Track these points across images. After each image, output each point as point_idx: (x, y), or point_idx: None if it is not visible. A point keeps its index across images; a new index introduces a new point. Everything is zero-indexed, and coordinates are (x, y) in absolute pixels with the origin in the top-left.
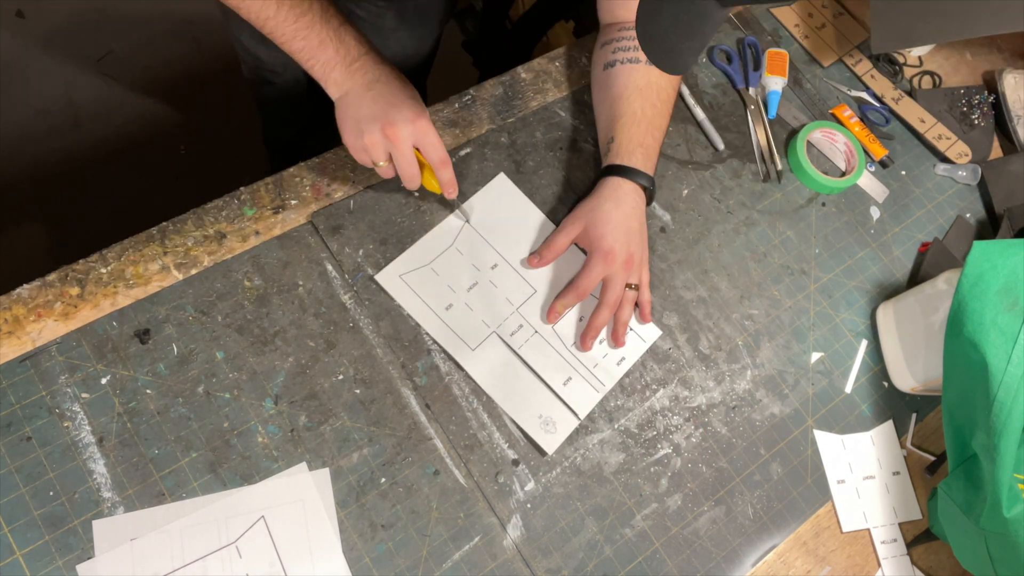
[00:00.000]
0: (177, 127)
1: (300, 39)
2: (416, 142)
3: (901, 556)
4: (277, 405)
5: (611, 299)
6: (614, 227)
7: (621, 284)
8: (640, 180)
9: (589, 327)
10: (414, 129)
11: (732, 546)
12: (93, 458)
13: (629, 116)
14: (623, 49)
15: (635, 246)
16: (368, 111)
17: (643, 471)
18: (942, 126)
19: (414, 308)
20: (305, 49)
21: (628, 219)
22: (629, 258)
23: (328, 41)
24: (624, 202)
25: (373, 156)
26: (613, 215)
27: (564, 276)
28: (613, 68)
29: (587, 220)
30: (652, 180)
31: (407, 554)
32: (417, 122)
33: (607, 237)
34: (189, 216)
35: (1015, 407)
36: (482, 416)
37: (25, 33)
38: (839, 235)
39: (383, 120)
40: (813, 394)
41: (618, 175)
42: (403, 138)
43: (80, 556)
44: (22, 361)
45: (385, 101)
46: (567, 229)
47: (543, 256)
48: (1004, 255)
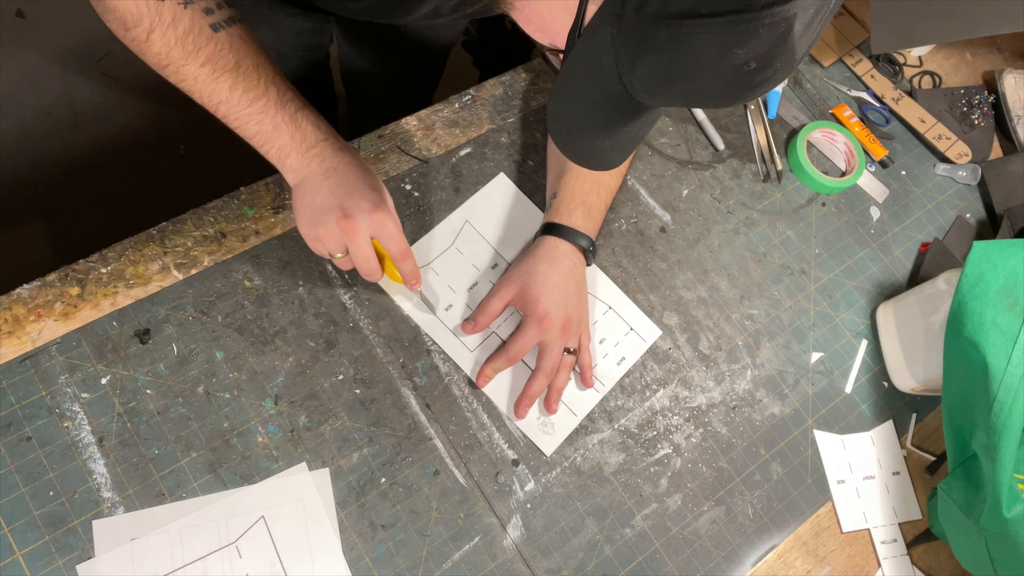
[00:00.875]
0: (177, 127)
1: (254, 124)
2: (374, 234)
3: (901, 556)
4: (277, 405)
5: (547, 367)
6: (550, 290)
7: (558, 350)
8: (579, 241)
9: (524, 395)
10: (371, 221)
11: (732, 546)
12: (93, 458)
13: (575, 172)
14: None
15: (572, 309)
16: (324, 201)
17: (643, 471)
18: (942, 126)
19: (414, 309)
20: (259, 134)
21: (565, 281)
22: (567, 322)
23: (283, 126)
24: (561, 264)
25: (329, 248)
26: (549, 277)
27: None
28: None
29: (522, 282)
30: (592, 242)
31: (407, 554)
32: (375, 213)
33: (542, 301)
34: (189, 216)
35: (1015, 407)
36: (482, 416)
37: (25, 33)
38: (839, 235)
39: (339, 211)
40: (813, 394)
41: (556, 235)
42: (359, 230)
43: (80, 556)
44: (22, 361)
45: (343, 191)
46: (501, 292)
47: (478, 322)
48: (1004, 255)
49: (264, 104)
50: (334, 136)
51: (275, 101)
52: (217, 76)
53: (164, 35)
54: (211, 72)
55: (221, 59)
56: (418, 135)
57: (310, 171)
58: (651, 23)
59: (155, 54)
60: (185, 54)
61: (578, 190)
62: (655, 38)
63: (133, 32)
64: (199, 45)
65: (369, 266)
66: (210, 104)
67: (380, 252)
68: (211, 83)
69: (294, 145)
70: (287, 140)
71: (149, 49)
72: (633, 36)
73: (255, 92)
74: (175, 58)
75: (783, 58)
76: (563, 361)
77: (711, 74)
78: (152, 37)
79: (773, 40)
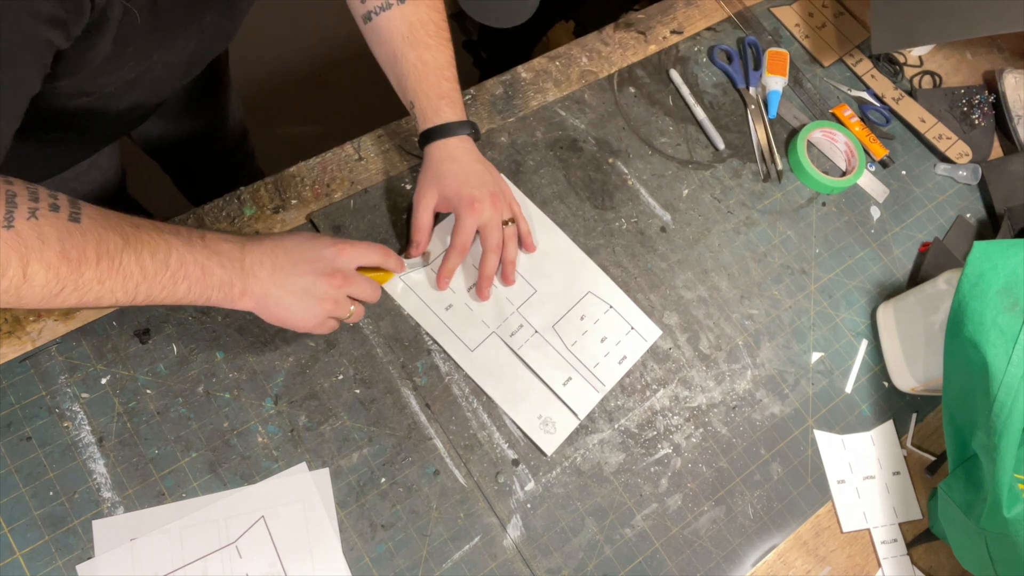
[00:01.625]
0: None
1: (181, 280)
2: (355, 264)
3: (901, 556)
4: (277, 405)
5: (493, 243)
6: (464, 179)
7: (498, 225)
8: (461, 131)
9: (481, 276)
10: (346, 257)
11: (732, 546)
12: (93, 458)
13: (412, 72)
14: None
15: (491, 184)
16: (300, 285)
17: (643, 471)
18: (942, 126)
19: (414, 308)
20: (192, 288)
21: (471, 165)
22: (493, 197)
23: (208, 262)
24: (459, 156)
25: (340, 313)
26: (455, 169)
27: (559, 273)
28: (372, 22)
29: (437, 186)
30: (471, 124)
31: (407, 554)
32: (342, 250)
33: (463, 189)
34: (189, 216)
35: (1015, 407)
36: (482, 416)
37: None
38: (839, 235)
39: (320, 279)
40: (813, 394)
41: (440, 137)
42: (348, 274)
43: (80, 556)
44: (22, 361)
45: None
46: (421, 203)
47: (416, 240)
48: (1004, 255)
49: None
50: (245, 237)
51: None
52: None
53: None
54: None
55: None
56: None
57: (260, 280)
58: None
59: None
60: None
61: (428, 87)
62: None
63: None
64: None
65: (374, 291)
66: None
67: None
68: (118, 275)
69: (230, 271)
70: (220, 272)
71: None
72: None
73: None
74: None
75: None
76: (506, 233)
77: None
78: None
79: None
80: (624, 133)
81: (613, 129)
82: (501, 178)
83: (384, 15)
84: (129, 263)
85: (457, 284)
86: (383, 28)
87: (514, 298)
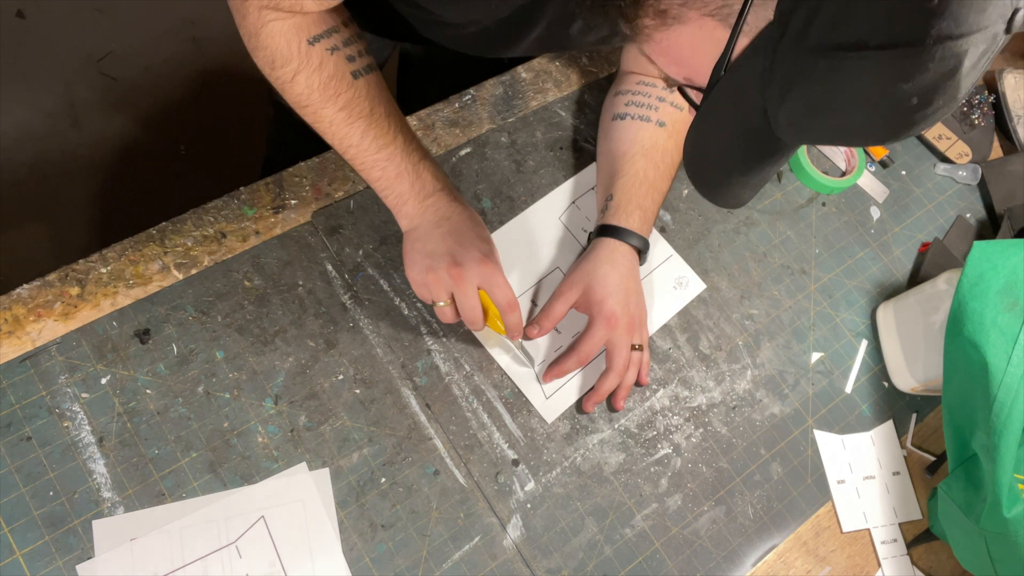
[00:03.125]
0: (177, 127)
1: (379, 169)
2: (482, 284)
3: (901, 556)
4: (277, 405)
5: (619, 365)
6: (613, 290)
7: (626, 348)
8: (635, 243)
9: (596, 392)
10: (481, 271)
11: (732, 546)
12: (93, 458)
13: (631, 176)
14: (636, 104)
15: (635, 307)
16: (435, 248)
17: (643, 471)
18: (942, 126)
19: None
20: (382, 179)
21: (626, 281)
22: (631, 321)
23: (405, 174)
24: (621, 264)
25: (434, 295)
26: (611, 278)
27: None
28: (623, 121)
29: (585, 284)
30: (646, 243)
31: (407, 554)
32: (485, 264)
33: (608, 301)
34: (189, 216)
35: (1015, 407)
36: (482, 416)
37: (25, 33)
38: (839, 235)
39: (449, 259)
40: (813, 394)
41: (613, 237)
42: (468, 279)
43: (80, 556)
44: (22, 361)
45: (454, 239)
46: (565, 295)
47: (542, 326)
48: (1004, 255)
49: (391, 152)
50: (450, 187)
51: (401, 149)
52: (352, 121)
53: (309, 78)
54: (347, 117)
55: (357, 105)
56: (418, 135)
57: (424, 219)
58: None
59: (297, 94)
60: (326, 98)
61: (635, 194)
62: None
63: (279, 71)
64: (339, 91)
65: (474, 315)
66: (340, 146)
67: (484, 303)
68: (345, 127)
69: (412, 193)
70: (407, 188)
71: (292, 89)
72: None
73: (384, 139)
74: (315, 100)
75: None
76: (632, 359)
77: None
78: (297, 79)
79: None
80: None
81: None
82: (644, 306)
83: (637, 123)
84: (356, 130)
85: None
86: (629, 130)
87: None
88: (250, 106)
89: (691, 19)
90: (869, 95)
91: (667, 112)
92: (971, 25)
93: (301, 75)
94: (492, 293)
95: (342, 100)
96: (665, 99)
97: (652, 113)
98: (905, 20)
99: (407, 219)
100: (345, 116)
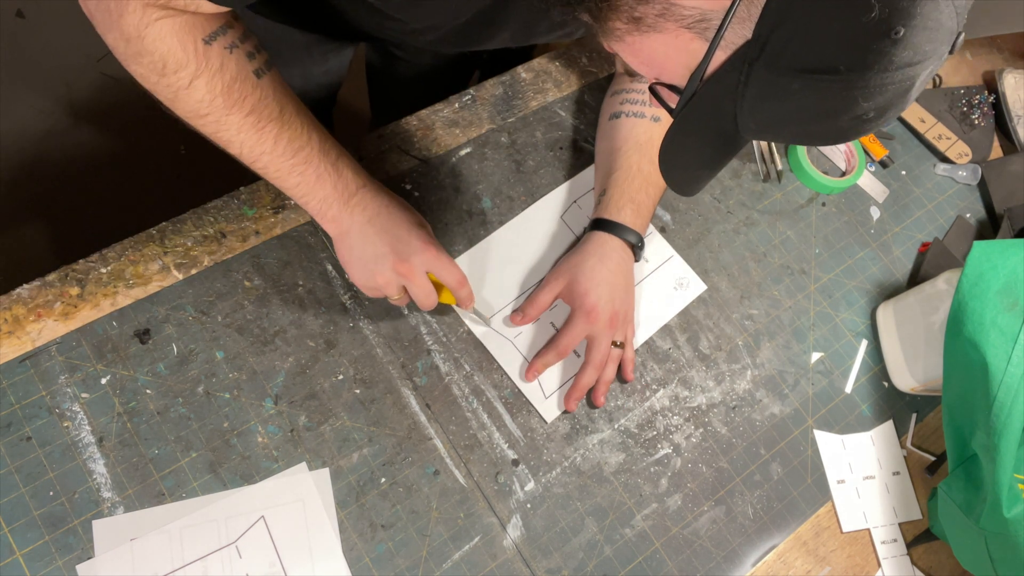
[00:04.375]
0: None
1: (296, 175)
2: (430, 269)
3: (901, 556)
4: (277, 405)
5: (597, 359)
6: (598, 283)
7: (606, 343)
8: (627, 237)
9: (574, 387)
10: (425, 259)
11: (732, 546)
12: (93, 458)
13: (624, 170)
14: (631, 102)
15: (619, 303)
16: (374, 250)
17: (643, 471)
18: (942, 126)
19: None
20: (301, 185)
21: (613, 275)
22: (614, 315)
23: (326, 176)
24: (609, 258)
25: (388, 293)
26: (598, 271)
27: None
28: (618, 119)
29: (571, 276)
30: (640, 237)
31: (407, 554)
32: (427, 250)
33: (591, 294)
34: (189, 216)
35: (1015, 407)
36: (482, 416)
37: (25, 33)
38: (839, 235)
39: (394, 257)
40: (813, 394)
41: (604, 230)
42: (417, 270)
43: (80, 556)
44: (22, 361)
45: (390, 235)
46: (551, 284)
47: (527, 313)
48: (1004, 255)
49: (307, 154)
50: (371, 180)
51: (317, 150)
52: (262, 126)
53: (210, 82)
54: (256, 122)
55: (265, 107)
56: (418, 135)
57: (353, 220)
58: (785, 73)
59: (196, 102)
60: (230, 104)
61: (627, 188)
62: (786, 88)
63: (171, 78)
64: (244, 93)
65: (429, 300)
66: (250, 156)
67: (434, 281)
68: (255, 134)
69: (336, 195)
70: (329, 190)
71: (189, 97)
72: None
73: (299, 141)
74: (217, 108)
75: (898, 108)
76: (611, 354)
77: (830, 121)
78: (195, 84)
79: (897, 95)
80: None
81: None
82: (632, 302)
83: (632, 119)
84: (267, 135)
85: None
86: (624, 127)
87: None
88: None
89: (667, 29)
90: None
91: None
92: (926, 52)
93: (200, 80)
94: (441, 276)
95: (248, 104)
96: None
97: (646, 109)
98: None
99: (334, 223)
100: (254, 121)
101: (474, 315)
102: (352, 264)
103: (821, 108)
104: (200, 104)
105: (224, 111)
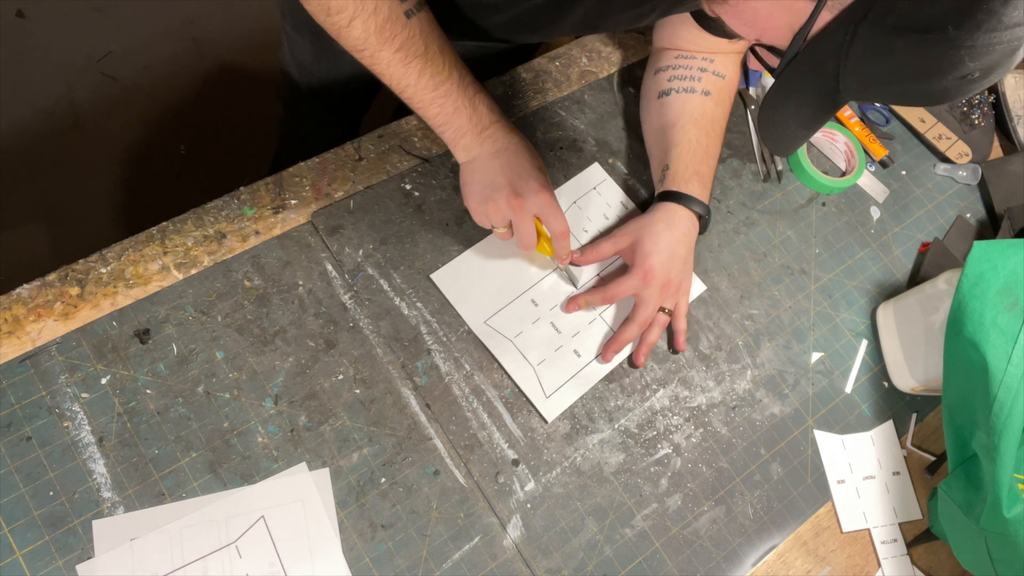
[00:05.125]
0: (177, 127)
1: (436, 106)
2: (538, 213)
3: (901, 556)
4: (277, 405)
5: (641, 318)
6: (661, 248)
7: (654, 305)
8: (695, 207)
9: (615, 339)
10: (538, 201)
11: (732, 546)
12: (93, 458)
13: (684, 144)
14: (679, 78)
15: (676, 272)
16: (494, 179)
17: (643, 471)
18: (942, 126)
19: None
20: (440, 115)
21: (676, 244)
22: (667, 282)
23: (463, 109)
24: (677, 227)
25: (494, 222)
26: (663, 237)
27: None
28: (668, 96)
29: (637, 236)
30: (708, 208)
31: (407, 554)
32: (542, 194)
33: (651, 256)
34: (189, 216)
35: (1015, 407)
36: (482, 416)
37: (25, 33)
38: (839, 235)
39: (508, 190)
40: (813, 394)
41: (673, 201)
42: (527, 209)
43: (80, 556)
44: (22, 361)
45: (512, 170)
46: (616, 239)
47: (585, 255)
48: (1004, 255)
49: (447, 88)
50: (505, 119)
51: (457, 85)
52: (408, 62)
53: (365, 23)
54: (403, 58)
55: (412, 45)
56: (419, 134)
57: (482, 151)
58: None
59: (354, 39)
60: (382, 41)
61: (691, 161)
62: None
63: (335, 18)
64: (395, 32)
65: (531, 240)
66: (397, 87)
67: (538, 228)
68: (402, 68)
69: (470, 126)
70: (464, 122)
71: (348, 35)
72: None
73: (440, 76)
74: (372, 44)
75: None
76: (657, 318)
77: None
78: (353, 24)
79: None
80: (624, 133)
81: (613, 129)
82: (689, 275)
83: (683, 95)
84: (412, 70)
85: None
86: (675, 103)
87: None
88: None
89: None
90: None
91: (710, 81)
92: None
93: (357, 20)
94: (547, 222)
95: (398, 42)
96: (707, 69)
97: (696, 84)
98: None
99: (464, 151)
100: (401, 57)
101: (565, 272)
102: (471, 187)
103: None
104: (358, 41)
105: (377, 47)
